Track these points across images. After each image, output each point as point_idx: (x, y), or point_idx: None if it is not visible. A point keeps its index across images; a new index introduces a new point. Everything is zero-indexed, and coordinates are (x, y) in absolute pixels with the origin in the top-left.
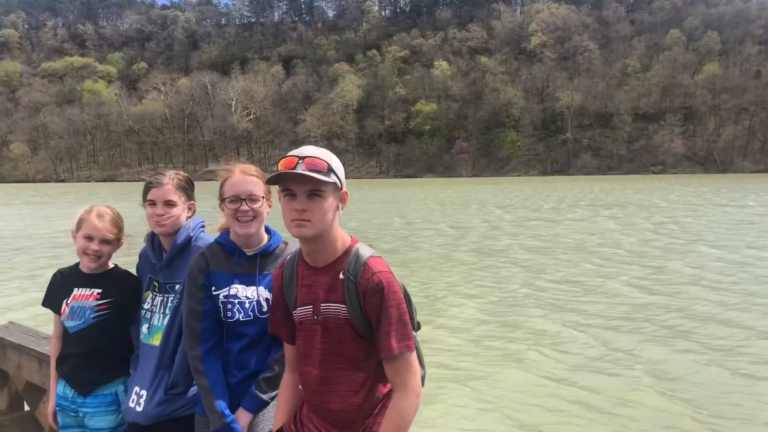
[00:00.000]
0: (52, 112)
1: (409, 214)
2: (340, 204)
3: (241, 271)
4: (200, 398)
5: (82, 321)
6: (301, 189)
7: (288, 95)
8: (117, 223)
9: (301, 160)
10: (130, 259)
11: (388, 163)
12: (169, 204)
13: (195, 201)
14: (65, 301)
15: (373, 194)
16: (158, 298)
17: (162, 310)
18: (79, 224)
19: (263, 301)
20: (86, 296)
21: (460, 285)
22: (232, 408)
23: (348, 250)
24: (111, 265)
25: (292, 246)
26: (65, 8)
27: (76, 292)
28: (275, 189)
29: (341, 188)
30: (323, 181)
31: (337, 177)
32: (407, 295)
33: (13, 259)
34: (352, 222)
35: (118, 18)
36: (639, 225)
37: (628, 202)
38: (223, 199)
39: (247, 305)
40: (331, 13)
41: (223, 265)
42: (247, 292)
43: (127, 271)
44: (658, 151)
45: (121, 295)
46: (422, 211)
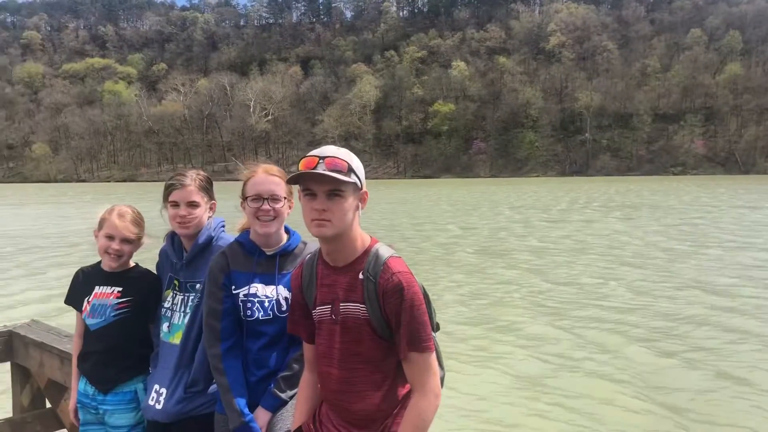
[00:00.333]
0: (74, 113)
1: (418, 215)
2: (360, 204)
3: (260, 271)
4: (219, 396)
5: (103, 319)
6: (322, 189)
7: (306, 96)
8: (138, 222)
9: (321, 160)
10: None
11: (406, 164)
12: (192, 205)
13: (215, 200)
14: (87, 299)
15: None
16: (178, 297)
17: (182, 309)
18: (101, 224)
19: (282, 300)
20: (107, 294)
21: (459, 286)
22: (251, 406)
23: (368, 250)
24: (132, 263)
25: (311, 246)
26: (86, 10)
27: (98, 290)
28: (296, 189)
29: (361, 188)
30: (343, 181)
31: (357, 177)
32: (426, 296)
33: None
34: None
35: (138, 19)
36: (646, 227)
37: (642, 203)
38: (245, 198)
39: (267, 304)
40: (348, 14)
41: (243, 265)
42: (267, 291)
43: (148, 270)
44: (678, 152)
45: (141, 293)
46: (432, 212)
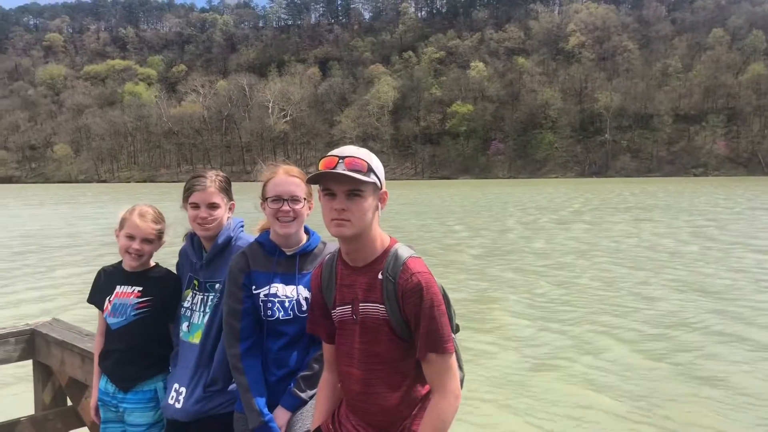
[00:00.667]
0: (95, 114)
1: (427, 215)
2: (379, 204)
3: (280, 270)
4: (239, 396)
5: (124, 318)
6: (341, 189)
7: (324, 97)
8: (158, 222)
9: (341, 160)
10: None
11: (423, 165)
12: (213, 206)
13: (234, 201)
14: (108, 299)
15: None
16: (198, 297)
17: (202, 309)
18: (122, 223)
19: (303, 300)
20: (128, 294)
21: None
22: (271, 406)
23: (387, 251)
24: (152, 263)
25: (331, 246)
26: (108, 12)
27: (119, 289)
28: (316, 190)
29: (381, 188)
30: (363, 181)
31: (377, 177)
32: (446, 297)
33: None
34: None
35: (159, 21)
36: (653, 229)
37: (655, 205)
38: (265, 198)
39: (287, 304)
40: (367, 15)
41: (263, 264)
42: (287, 291)
43: (168, 270)
44: (700, 153)
45: (161, 293)
46: (442, 212)
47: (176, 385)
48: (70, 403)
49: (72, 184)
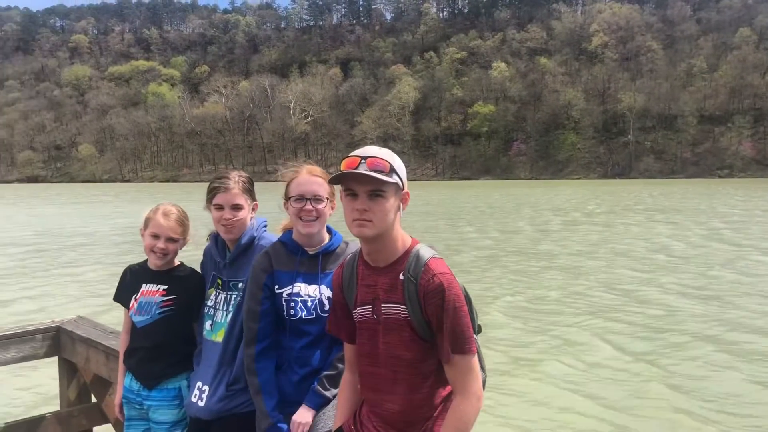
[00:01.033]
0: (119, 115)
1: (440, 216)
2: (401, 204)
3: (303, 270)
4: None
5: (149, 316)
6: (363, 189)
7: (345, 97)
8: (182, 221)
9: (363, 160)
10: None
11: (444, 165)
12: (237, 208)
13: (257, 201)
14: (134, 297)
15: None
16: (221, 296)
17: (225, 308)
18: (147, 222)
19: (325, 300)
20: (153, 292)
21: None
22: (295, 404)
23: (408, 251)
24: (177, 262)
25: (353, 246)
26: (132, 14)
27: (144, 288)
28: (338, 190)
29: (403, 189)
30: (385, 182)
31: (399, 177)
32: (468, 298)
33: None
34: None
35: (182, 22)
36: (665, 231)
37: (670, 207)
38: (288, 198)
39: (309, 303)
40: (388, 16)
41: (286, 264)
42: (309, 291)
43: (193, 269)
44: (725, 155)
45: (186, 292)
46: (454, 213)
47: (199, 383)
48: (94, 399)
49: (96, 183)
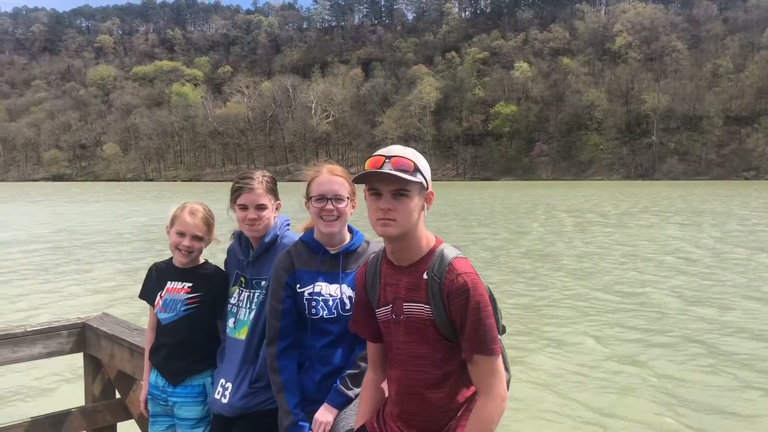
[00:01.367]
0: (142, 114)
1: (451, 215)
2: (425, 204)
3: (324, 269)
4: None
5: (174, 313)
6: (387, 188)
7: (366, 98)
8: (208, 220)
9: (387, 160)
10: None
11: (465, 166)
12: (261, 207)
13: (280, 200)
14: (159, 294)
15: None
16: (244, 294)
17: (248, 305)
18: (173, 220)
19: (346, 299)
20: (178, 289)
21: None
22: (317, 403)
23: (432, 251)
24: (202, 260)
25: (374, 245)
26: (156, 14)
27: (169, 285)
28: (359, 189)
29: (427, 188)
30: (409, 181)
31: (423, 177)
32: (492, 298)
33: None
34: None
35: (205, 23)
36: (674, 234)
37: (687, 209)
38: (309, 197)
39: (331, 303)
40: (410, 16)
41: (308, 263)
42: (331, 290)
43: (217, 267)
44: (751, 156)
45: (210, 289)
46: (465, 213)
47: (222, 381)
48: (118, 395)
49: (120, 182)
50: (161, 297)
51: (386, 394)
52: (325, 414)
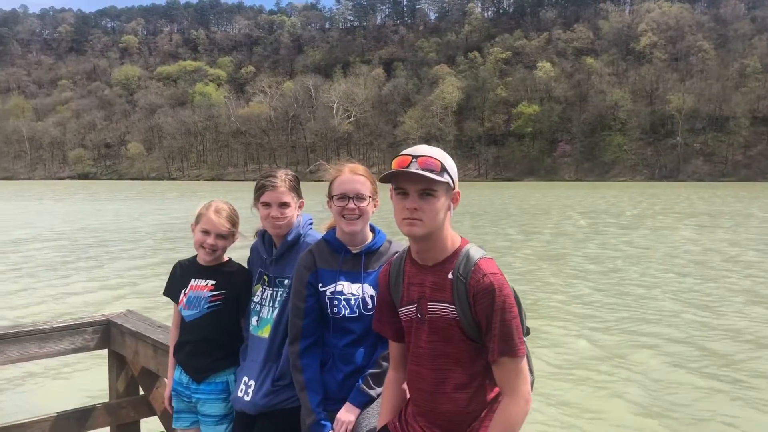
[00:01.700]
0: (166, 114)
1: (464, 216)
2: (451, 204)
3: (346, 268)
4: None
5: (198, 311)
6: (414, 188)
7: (388, 98)
8: (232, 218)
9: (414, 159)
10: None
11: (487, 166)
12: (284, 205)
13: (303, 199)
14: (183, 291)
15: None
16: (267, 292)
17: (271, 304)
18: (198, 218)
19: (368, 299)
20: (201, 287)
21: None
22: (340, 402)
23: (458, 251)
24: (226, 258)
25: (396, 245)
26: (180, 15)
27: (193, 282)
28: (382, 189)
29: (453, 188)
30: (436, 181)
31: (450, 177)
32: (518, 299)
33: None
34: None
35: (228, 23)
36: (692, 236)
37: (705, 210)
38: (331, 196)
39: (353, 302)
40: (432, 16)
41: (330, 262)
42: (353, 289)
43: (240, 265)
44: None
45: (233, 287)
46: (480, 213)
47: (245, 378)
48: (142, 392)
49: (144, 181)
50: (185, 294)
51: (408, 394)
52: (347, 413)
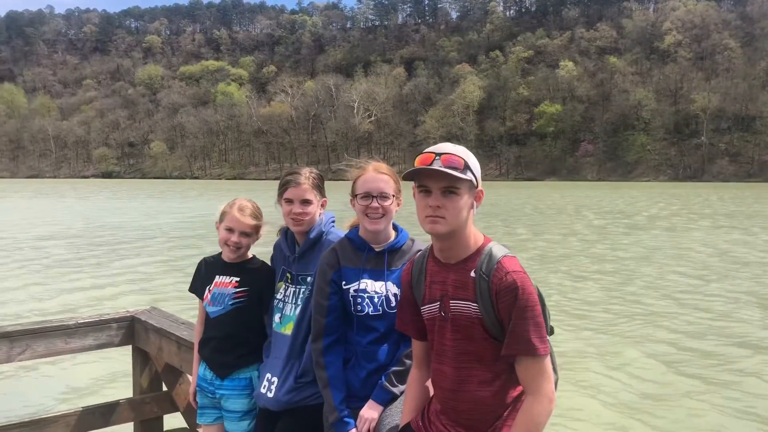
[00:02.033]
0: (189, 113)
1: (478, 215)
2: (474, 202)
3: (369, 267)
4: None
5: (222, 307)
6: (437, 185)
7: (408, 97)
8: (257, 217)
9: (437, 157)
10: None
11: (509, 166)
12: (306, 203)
13: (326, 197)
14: (208, 288)
15: None
16: (290, 289)
17: (294, 301)
18: (222, 216)
19: (391, 296)
20: (226, 284)
21: None
22: (363, 399)
23: (480, 249)
24: (250, 255)
25: (419, 243)
26: (203, 15)
27: (218, 279)
28: (406, 187)
29: (477, 186)
30: (459, 178)
31: (473, 175)
32: (541, 298)
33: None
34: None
35: (250, 23)
36: (703, 238)
37: (723, 211)
38: (354, 195)
39: (376, 300)
40: (454, 15)
41: (353, 260)
42: (376, 287)
43: (264, 262)
44: None
45: (257, 284)
46: (494, 213)
47: (268, 375)
48: (165, 388)
49: (167, 180)
50: (210, 291)
51: (431, 392)
52: (370, 411)
